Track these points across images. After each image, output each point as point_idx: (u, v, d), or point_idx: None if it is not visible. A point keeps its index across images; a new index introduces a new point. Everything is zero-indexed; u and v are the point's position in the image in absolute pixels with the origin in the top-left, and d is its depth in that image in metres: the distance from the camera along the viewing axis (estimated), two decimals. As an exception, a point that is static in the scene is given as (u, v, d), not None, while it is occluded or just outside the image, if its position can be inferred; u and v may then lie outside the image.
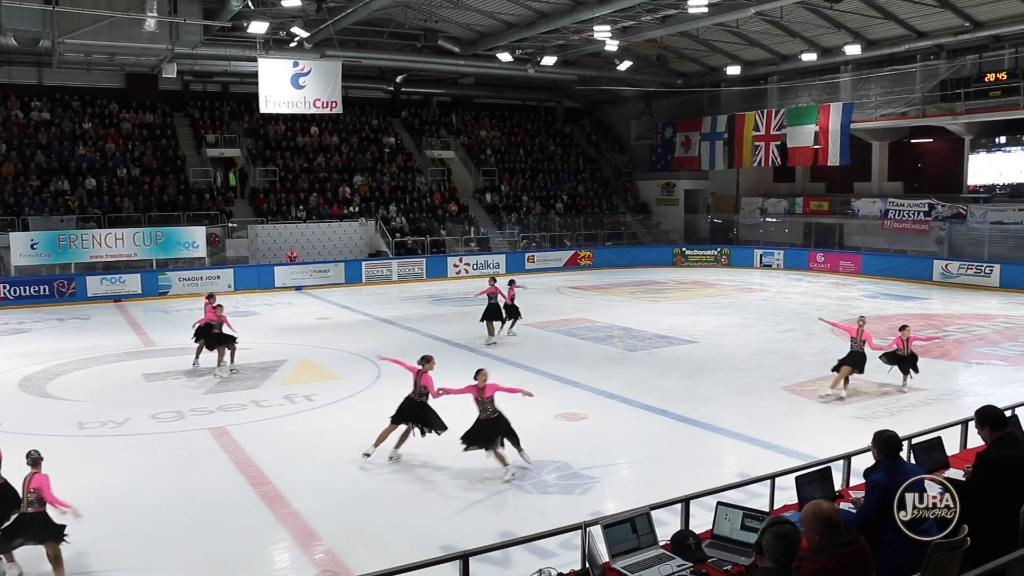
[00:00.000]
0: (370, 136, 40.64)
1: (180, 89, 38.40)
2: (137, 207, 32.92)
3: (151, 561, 8.76)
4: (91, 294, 29.17)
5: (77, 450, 12.30)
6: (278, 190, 35.95)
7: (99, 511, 9.53)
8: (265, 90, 29.59)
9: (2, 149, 33.37)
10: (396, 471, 11.12)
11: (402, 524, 9.58)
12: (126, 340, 21.82)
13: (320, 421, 13.89)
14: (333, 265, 33.02)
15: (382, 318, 24.67)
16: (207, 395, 15.65)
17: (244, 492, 10.61)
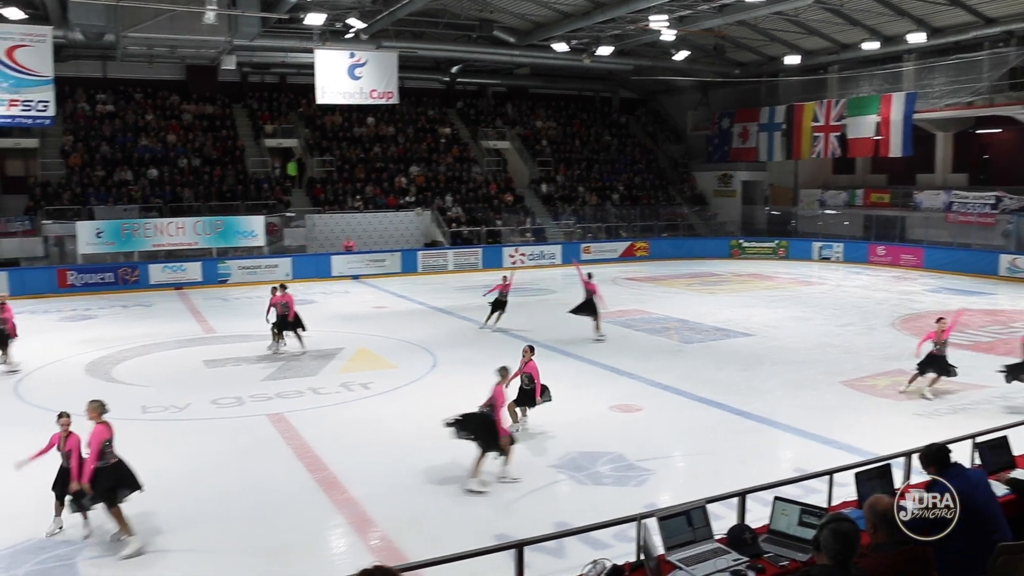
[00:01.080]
0: (426, 126, 40.83)
1: (239, 81, 38.90)
2: (197, 197, 33.50)
3: (212, 543, 8.94)
4: (154, 282, 29.79)
5: (141, 434, 12.57)
6: (335, 180, 36.30)
7: (161, 494, 9.76)
8: (322, 81, 29.91)
9: (69, 141, 34.19)
10: (452, 460, 11.17)
11: (456, 512, 9.65)
12: (187, 327, 22.24)
13: (377, 409, 14.03)
14: (389, 254, 33.27)
15: (438, 307, 24.81)
16: (266, 382, 15.89)
17: (302, 478, 10.77)
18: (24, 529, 9.16)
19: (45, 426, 13.18)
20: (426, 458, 11.32)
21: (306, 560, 8.60)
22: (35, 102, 26.53)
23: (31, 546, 8.84)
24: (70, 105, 35.12)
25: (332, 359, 17.83)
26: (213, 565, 8.46)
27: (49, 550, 8.76)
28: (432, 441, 11.63)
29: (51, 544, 8.87)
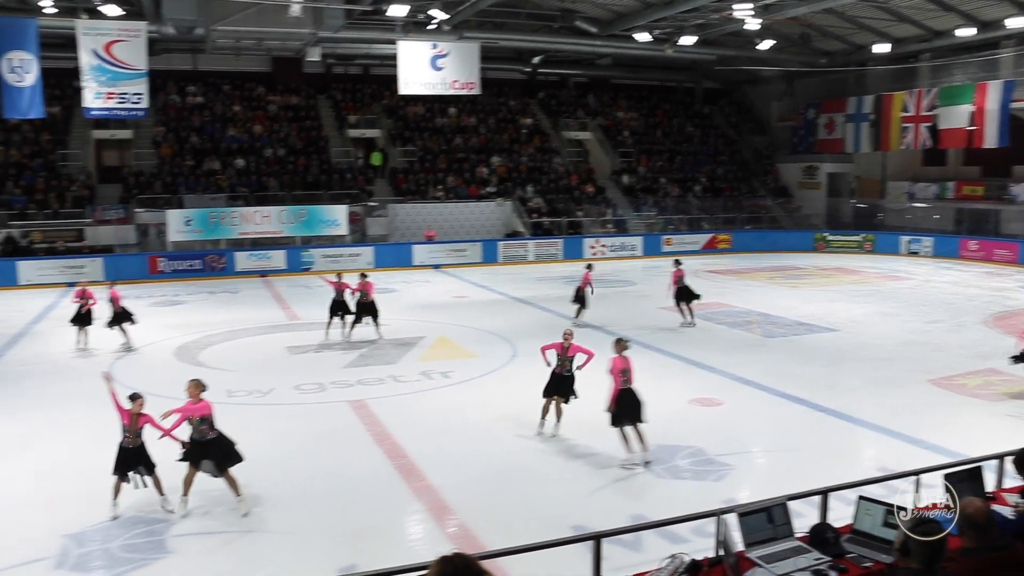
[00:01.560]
0: (507, 117, 40.92)
1: (323, 72, 39.51)
2: (283, 186, 34.17)
3: (292, 525, 9.13)
4: (239, 269, 30.52)
5: (226, 417, 12.85)
6: (417, 170, 36.65)
7: (245, 476, 10.01)
8: (404, 72, 30.19)
9: (161, 131, 35.23)
10: (529, 450, 11.22)
11: (534, 503, 9.68)
12: (271, 314, 22.74)
13: (456, 398, 14.15)
14: (470, 244, 33.47)
15: (518, 298, 24.88)
16: (347, 369, 16.15)
17: (381, 464, 10.92)
18: (121, 505, 9.46)
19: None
20: (504, 447, 11.40)
21: (384, 545, 8.72)
22: (130, 95, 27.35)
23: (123, 521, 9.17)
24: (162, 97, 36.15)
25: (412, 347, 18.03)
26: (294, 546, 8.64)
27: (139, 526, 9.07)
28: (510, 430, 11.70)
29: (142, 520, 9.18)
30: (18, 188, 32.01)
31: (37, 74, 26.46)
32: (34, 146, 33.82)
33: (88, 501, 9.68)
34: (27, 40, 26.19)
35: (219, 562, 8.32)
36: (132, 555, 8.46)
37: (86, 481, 10.40)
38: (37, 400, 14.39)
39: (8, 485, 10.36)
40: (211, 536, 8.95)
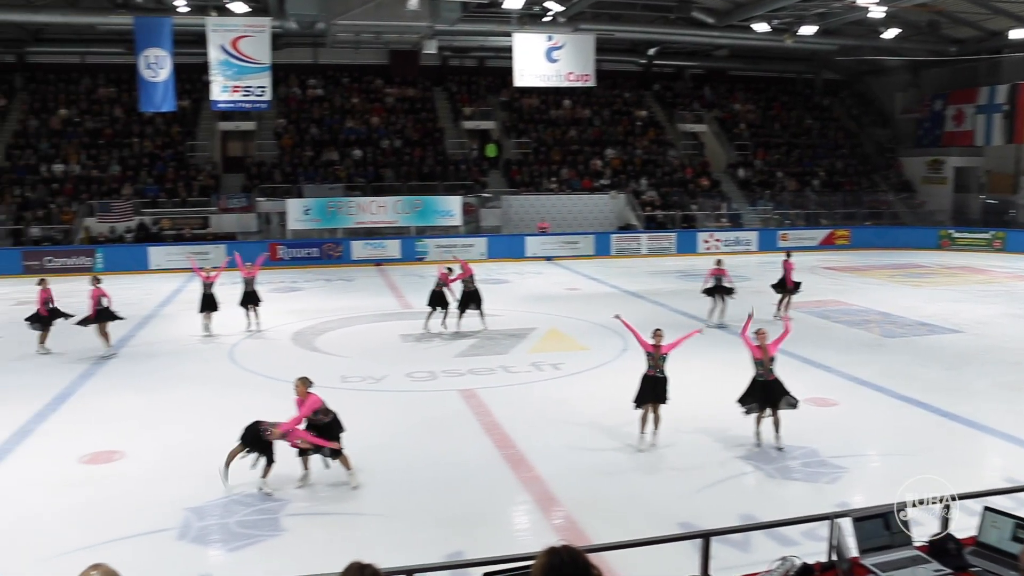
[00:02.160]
0: (622, 109, 40.66)
1: (439, 64, 40.00)
2: (398, 177, 34.77)
3: (401, 510, 9.31)
4: (355, 258, 31.25)
5: (339, 402, 13.17)
6: (531, 162, 36.78)
7: (356, 460, 10.27)
8: (520, 64, 30.30)
9: (282, 123, 36.34)
10: (638, 444, 11.15)
11: (641, 497, 9.63)
12: (385, 302, 23.19)
13: (565, 390, 14.16)
14: (583, 237, 33.43)
15: (630, 291, 24.74)
16: (458, 358, 16.34)
17: (489, 453, 11.03)
18: (237, 482, 9.86)
19: (256, 388, 14.19)
20: (612, 441, 11.35)
21: (490, 533, 8.81)
22: (254, 88, 28.27)
23: (241, 498, 9.53)
24: (283, 90, 37.25)
25: (523, 339, 18.12)
26: (402, 530, 8.81)
27: (256, 504, 9.40)
28: (619, 424, 11.63)
29: (258, 498, 9.50)
30: (151, 177, 33.53)
31: (170, 70, 27.64)
32: (165, 138, 35.36)
33: (209, 477, 10.07)
34: (162, 37, 27.40)
35: (328, 542, 8.55)
36: (248, 531, 8.78)
37: (208, 458, 10.82)
38: (164, 380, 15.03)
39: (136, 459, 10.86)
40: (322, 517, 9.22)
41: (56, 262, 29.44)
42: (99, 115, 36.20)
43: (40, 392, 14.08)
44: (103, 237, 31.23)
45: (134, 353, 17.15)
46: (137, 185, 32.99)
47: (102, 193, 32.57)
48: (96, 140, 35.04)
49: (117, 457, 10.92)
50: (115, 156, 34.31)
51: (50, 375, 15.25)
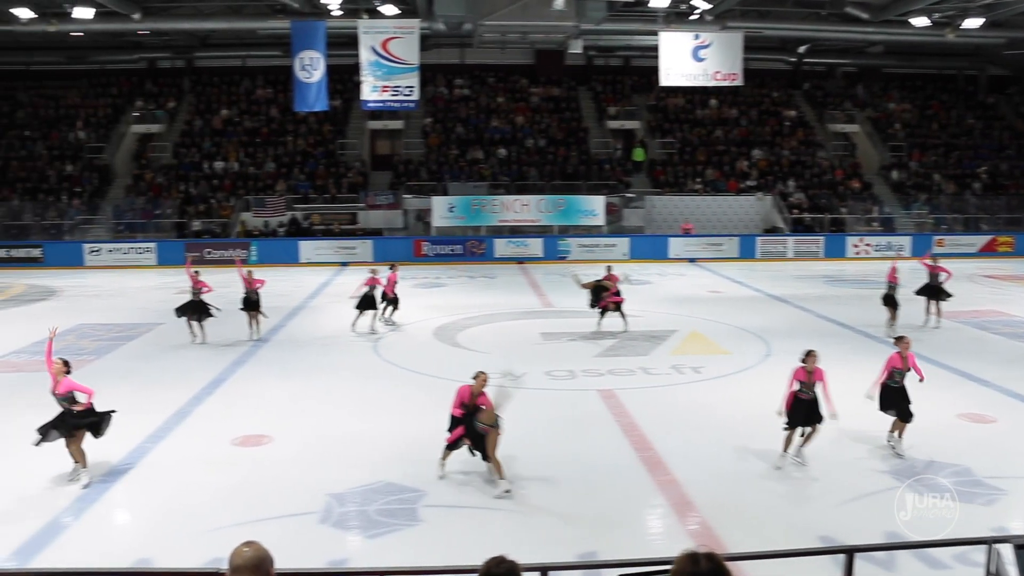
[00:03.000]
0: (770, 109, 39.68)
1: (584, 64, 39.98)
2: (542, 176, 34.96)
3: (535, 507, 9.38)
4: (498, 255, 31.60)
5: (480, 399, 13.40)
6: (675, 162, 36.36)
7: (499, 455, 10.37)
8: (666, 63, 29.96)
9: (429, 122, 37.15)
10: (779, 452, 10.85)
11: (780, 508, 9.37)
12: (527, 300, 23.35)
13: (706, 394, 13.93)
14: (727, 239, 32.81)
15: (774, 295, 24.11)
16: (599, 358, 16.29)
17: (627, 454, 10.95)
18: (379, 472, 10.18)
19: (398, 381, 14.56)
20: (753, 448, 11.08)
21: (624, 535, 8.75)
22: (402, 88, 28.96)
23: (381, 487, 9.77)
24: (431, 90, 38.04)
25: (664, 340, 17.92)
26: (535, 527, 8.86)
27: (395, 493, 9.62)
28: (760, 430, 11.36)
29: (399, 488, 9.72)
30: (303, 174, 34.85)
31: (323, 71, 28.65)
32: (317, 136, 36.69)
33: (350, 465, 10.43)
34: (316, 40, 28.44)
35: (463, 535, 8.68)
36: (386, 519, 9.00)
37: (350, 446, 11.20)
38: (310, 369, 15.59)
39: (282, 444, 11.31)
40: (459, 510, 9.36)
41: (215, 254, 30.96)
42: (257, 115, 37.92)
43: (198, 376, 14.85)
44: (258, 231, 32.68)
45: (282, 342, 17.83)
46: (290, 181, 34.37)
47: (258, 189, 34.09)
48: (253, 139, 36.70)
49: (265, 441, 11.40)
50: (270, 154, 35.85)
51: (207, 361, 16.05)
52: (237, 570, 3.41)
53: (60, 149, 36.36)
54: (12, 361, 16.25)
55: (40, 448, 9.91)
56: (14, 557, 8.07)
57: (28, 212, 33.34)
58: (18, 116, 38.10)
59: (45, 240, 32.08)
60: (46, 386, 10.12)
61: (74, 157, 35.96)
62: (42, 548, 8.29)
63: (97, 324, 19.98)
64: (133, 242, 31.73)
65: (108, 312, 21.81)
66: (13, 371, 15.53)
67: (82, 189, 34.38)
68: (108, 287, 26.39)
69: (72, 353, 16.68)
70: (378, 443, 11.31)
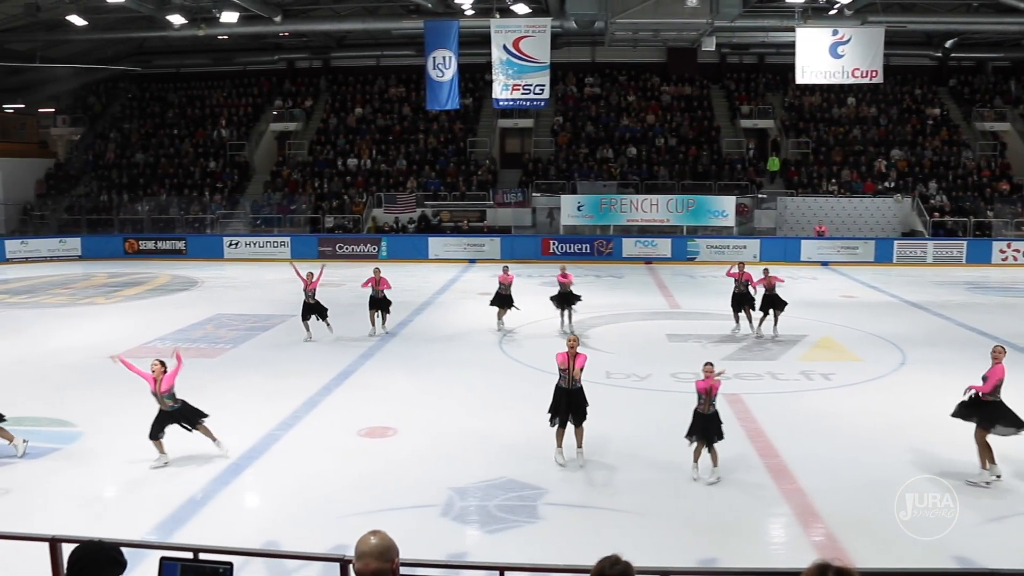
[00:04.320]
0: (911, 107, 38.10)
1: (717, 62, 39.31)
2: (672, 175, 34.56)
3: (656, 509, 9.28)
4: (625, 255, 31.42)
5: (602, 398, 13.31)
6: (810, 162, 35.36)
7: (615, 454, 10.33)
8: (802, 60, 29.10)
9: (559, 121, 37.21)
10: (912, 465, 10.38)
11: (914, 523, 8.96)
12: (654, 300, 23.12)
13: (836, 402, 13.48)
14: (862, 242, 31.70)
15: (911, 302, 23.16)
16: (725, 361, 15.92)
17: (751, 460, 10.71)
18: (501, 468, 10.27)
19: (522, 377, 14.65)
20: (883, 459, 10.64)
21: (745, 542, 8.56)
22: (533, 86, 29.07)
23: (502, 483, 9.84)
24: (561, 88, 38.13)
25: (794, 345, 17.46)
26: (655, 530, 8.76)
27: (516, 490, 9.66)
28: (892, 442, 10.94)
29: (518, 485, 9.76)
30: (433, 172, 35.43)
31: (455, 69, 29.03)
32: (448, 134, 37.24)
33: (473, 460, 10.53)
34: (449, 39, 28.84)
35: (581, 534, 8.64)
36: (506, 515, 9.06)
37: (473, 440, 11.32)
38: (435, 363, 15.85)
39: (406, 437, 11.52)
40: (579, 509, 9.33)
41: (346, 248, 31.85)
42: (389, 113, 38.78)
43: (327, 368, 15.29)
44: (388, 227, 33.40)
45: (409, 336, 18.17)
46: (421, 179, 35.01)
47: (389, 186, 34.85)
48: (386, 136, 37.55)
49: (390, 433, 11.64)
50: (402, 151, 36.60)
51: (336, 353, 16.50)
52: (363, 557, 3.45)
53: (204, 147, 38.10)
54: (156, 347, 17.06)
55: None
56: (155, 532, 8.48)
57: (174, 207, 35.04)
58: (168, 116, 40.11)
59: (189, 233, 33.68)
60: (185, 371, 10.61)
61: (217, 154, 37.62)
62: (181, 525, 8.68)
63: (233, 314, 20.84)
64: (269, 236, 32.96)
65: (244, 303, 22.73)
66: (156, 357, 16.27)
67: (223, 185, 35.94)
68: (244, 279, 27.50)
69: (210, 342, 17.52)
70: (501, 439, 11.40)
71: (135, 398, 10.95)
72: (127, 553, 3.80)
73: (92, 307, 22.57)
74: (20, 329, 19.37)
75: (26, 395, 13.37)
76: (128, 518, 8.86)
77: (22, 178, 36.91)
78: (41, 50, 33.66)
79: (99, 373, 14.71)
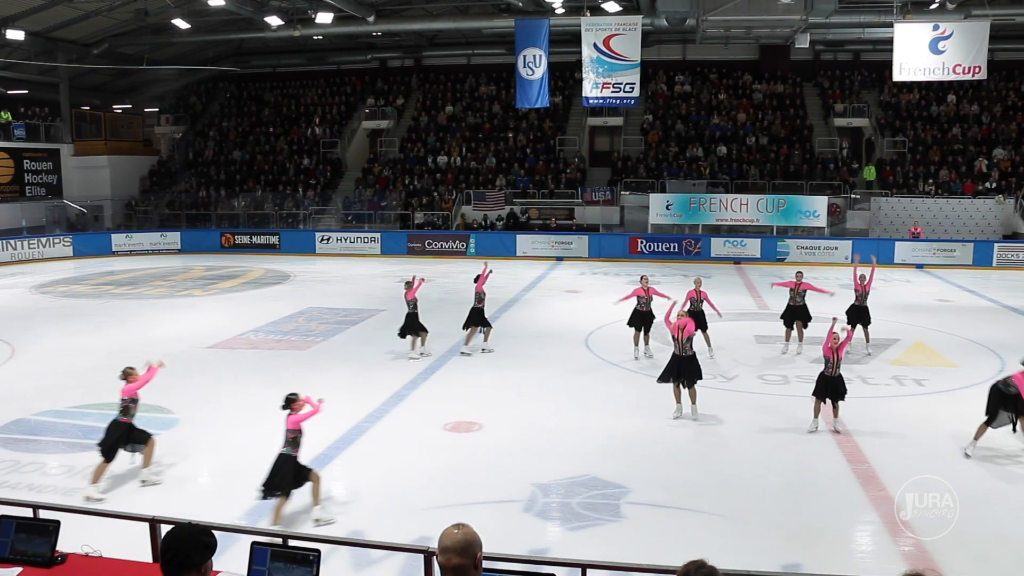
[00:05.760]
0: (1017, 104, 36.71)
1: (811, 59, 38.53)
2: (762, 174, 34.06)
3: (742, 512, 9.21)
4: (714, 255, 31.10)
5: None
6: (906, 162, 34.43)
7: (698, 456, 10.28)
8: (900, 56, 28.34)
9: (648, 119, 37.00)
10: (1010, 476, 10.10)
11: (1013, 538, 8.67)
12: (742, 301, 22.85)
13: (928, 408, 13.17)
14: (960, 245, 30.73)
15: (1012, 307, 22.40)
16: (814, 363, 15.65)
17: (839, 466, 10.55)
18: (585, 465, 10.34)
19: (607, 376, 14.69)
20: (977, 469, 10.37)
21: (831, 549, 8.45)
22: (623, 84, 28.98)
23: (586, 480, 9.91)
24: (651, 86, 37.93)
25: (886, 349, 17.08)
26: (739, 533, 8.70)
27: (599, 488, 9.72)
28: (987, 451, 10.64)
29: (601, 483, 9.82)
30: (522, 169, 35.60)
31: (545, 68, 29.12)
32: (537, 132, 37.37)
33: (556, 456, 10.64)
34: (540, 38, 28.96)
35: (664, 535, 8.66)
36: (588, 513, 9.12)
37: (557, 437, 11.42)
38: (522, 360, 15.98)
39: (491, 432, 11.71)
40: (662, 509, 9.33)
41: (435, 245, 32.23)
42: (479, 111, 39.10)
43: (415, 362, 15.55)
44: (477, 224, 33.69)
45: (497, 333, 18.26)
46: (509, 176, 35.20)
47: (478, 183, 35.15)
48: (476, 134, 37.86)
49: (476, 428, 11.81)
50: (491, 149, 36.86)
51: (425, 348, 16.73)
52: (446, 550, 3.50)
53: (298, 144, 39.01)
54: (249, 339, 17.59)
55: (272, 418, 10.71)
56: (246, 518, 8.78)
57: (269, 202, 35.96)
58: (264, 114, 41.17)
59: (282, 228, 34.51)
60: (277, 362, 10.93)
61: (310, 151, 38.48)
62: (271, 512, 8.96)
63: (324, 308, 21.33)
64: (360, 232, 33.57)
65: (334, 297, 23.23)
66: (249, 347, 16.81)
67: (316, 181, 36.76)
68: (336, 274, 28.08)
69: (301, 334, 17.96)
70: (585, 437, 11.46)
71: (231, 388, 11.32)
72: (219, 537, 3.95)
73: (190, 299, 23.35)
74: (123, 319, 20.15)
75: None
76: (222, 503, 9.17)
77: (128, 175, 38.46)
78: (148, 53, 34.91)
79: (197, 363, 15.27)
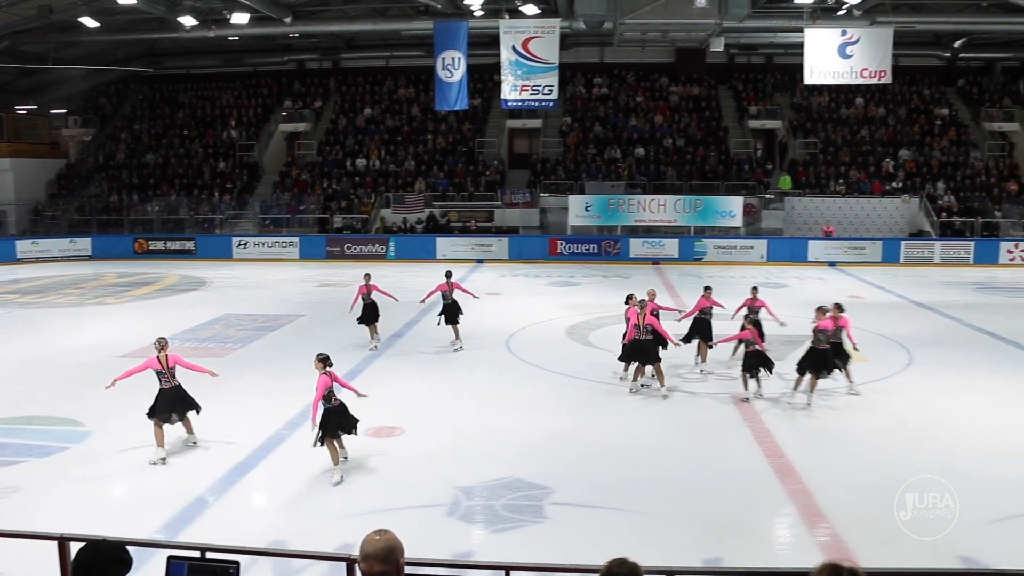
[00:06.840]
0: (920, 107, 38.01)
1: (725, 62, 39.30)
2: (679, 176, 34.59)
3: (661, 509, 9.34)
4: (632, 255, 31.49)
5: (607, 399, 13.39)
6: (818, 162, 35.33)
7: (619, 455, 10.38)
8: (810, 60, 29.08)
9: (567, 121, 37.25)
10: (917, 467, 10.41)
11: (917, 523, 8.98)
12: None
13: (842, 401, 13.52)
14: (870, 243, 31.68)
15: (918, 302, 23.16)
16: (734, 360, 15.97)
17: (757, 461, 10.76)
18: (507, 467, 10.35)
19: (529, 377, 14.70)
20: (889, 459, 10.69)
21: (750, 542, 8.62)
22: (542, 87, 29.11)
23: (509, 482, 9.91)
24: (570, 89, 38.20)
25: (801, 346, 17.36)
26: (661, 529, 8.82)
27: (523, 489, 9.73)
28: (897, 443, 10.98)
29: (524, 485, 9.83)
30: (442, 172, 35.53)
31: (464, 70, 29.09)
32: (456, 135, 37.34)
33: (479, 459, 10.61)
34: (458, 40, 28.92)
35: (587, 534, 8.69)
36: (512, 515, 9.13)
37: (479, 440, 11.40)
38: (442, 364, 15.92)
39: (413, 437, 11.62)
40: (586, 509, 9.38)
41: (354, 249, 31.97)
42: (398, 114, 38.90)
43: (335, 367, 15.29)
44: (396, 227, 33.50)
45: (418, 337, 18.24)
46: (429, 179, 35.12)
47: (397, 186, 34.96)
48: (395, 137, 37.66)
49: (398, 432, 11.73)
50: (410, 152, 36.69)
51: (345, 353, 16.45)
52: (368, 557, 3.48)
53: (214, 147, 38.27)
54: (165, 347, 17.17)
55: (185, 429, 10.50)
56: (162, 531, 8.57)
57: (184, 207, 35.19)
58: (178, 117, 40.28)
59: (198, 233, 33.82)
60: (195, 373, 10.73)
61: (226, 155, 37.78)
62: (188, 524, 8.76)
63: (242, 314, 20.96)
64: (278, 236, 33.09)
65: (252, 303, 22.85)
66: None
67: (232, 185, 36.11)
68: (253, 279, 27.61)
69: (218, 341, 17.63)
70: (508, 439, 11.47)
71: (144, 399, 11.03)
72: (134, 552, 3.84)
73: (102, 307, 22.73)
74: (31, 329, 19.52)
75: (36, 395, 13.50)
76: (136, 517, 8.94)
77: (34, 178, 37.15)
78: (53, 51, 33.85)
79: (109, 373, 14.79)
